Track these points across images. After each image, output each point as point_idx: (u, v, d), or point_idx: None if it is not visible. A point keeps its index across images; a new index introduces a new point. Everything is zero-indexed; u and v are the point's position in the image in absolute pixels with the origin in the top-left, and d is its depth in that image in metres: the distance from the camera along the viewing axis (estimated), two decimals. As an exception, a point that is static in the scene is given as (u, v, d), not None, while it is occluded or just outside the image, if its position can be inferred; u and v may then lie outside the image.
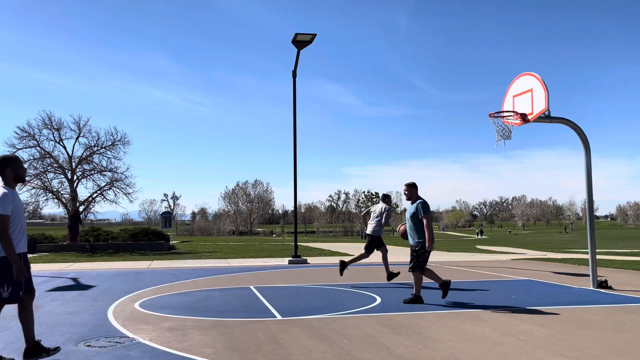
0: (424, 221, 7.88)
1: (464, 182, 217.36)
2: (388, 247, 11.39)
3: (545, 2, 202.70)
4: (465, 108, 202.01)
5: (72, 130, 28.18)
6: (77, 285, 10.61)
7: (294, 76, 17.77)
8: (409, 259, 8.12)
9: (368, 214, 10.62)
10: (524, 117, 10.19)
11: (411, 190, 8.18)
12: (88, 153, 28.30)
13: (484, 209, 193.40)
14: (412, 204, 8.15)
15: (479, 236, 78.76)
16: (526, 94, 10.21)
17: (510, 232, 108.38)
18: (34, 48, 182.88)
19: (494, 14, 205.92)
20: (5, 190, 4.62)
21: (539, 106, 9.84)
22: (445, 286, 8.02)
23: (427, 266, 8.10)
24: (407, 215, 8.17)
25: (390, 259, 11.24)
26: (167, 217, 30.43)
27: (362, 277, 12.02)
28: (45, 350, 4.85)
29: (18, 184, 4.88)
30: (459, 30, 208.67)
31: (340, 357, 4.92)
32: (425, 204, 8.00)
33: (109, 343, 5.45)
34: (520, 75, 10.55)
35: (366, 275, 12.32)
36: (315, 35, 16.61)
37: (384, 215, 10.28)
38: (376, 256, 10.99)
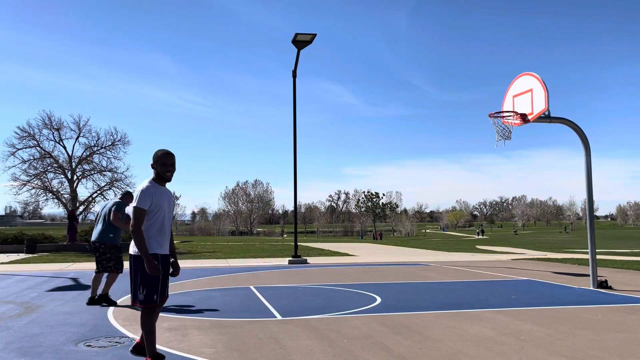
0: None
1: (464, 182, 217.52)
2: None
3: (545, 3, 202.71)
4: (465, 108, 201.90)
5: (72, 130, 28.28)
6: (77, 285, 10.61)
7: (294, 76, 17.78)
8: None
9: None
10: (524, 117, 10.19)
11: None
12: (88, 153, 28.36)
13: (484, 209, 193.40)
14: None
15: (480, 236, 79.35)
16: (526, 94, 10.22)
17: (515, 232, 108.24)
18: (34, 48, 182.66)
19: (494, 14, 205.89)
20: (149, 185, 4.46)
21: (539, 106, 9.85)
22: (102, 299, 8.05)
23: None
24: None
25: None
26: (167, 217, 30.37)
27: (362, 277, 12.02)
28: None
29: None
30: (459, 30, 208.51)
31: (340, 357, 4.92)
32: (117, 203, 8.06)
33: (109, 343, 5.45)
34: (520, 75, 10.55)
35: (366, 275, 12.32)
36: (315, 35, 16.62)
37: None
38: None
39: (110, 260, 8.01)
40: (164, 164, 4.49)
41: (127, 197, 8.25)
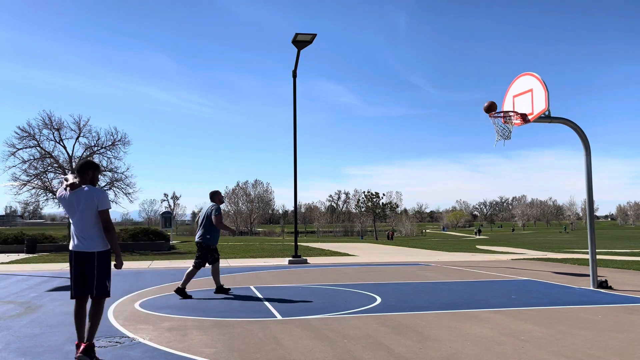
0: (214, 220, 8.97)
1: (464, 182, 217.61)
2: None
3: (545, 2, 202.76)
4: (465, 108, 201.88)
5: (72, 130, 28.22)
6: (77, 285, 10.60)
7: (294, 76, 17.78)
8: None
9: None
10: (524, 117, 10.19)
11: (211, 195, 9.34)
12: (88, 153, 28.30)
13: (484, 209, 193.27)
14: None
15: (478, 235, 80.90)
16: (526, 94, 10.21)
17: (513, 229, 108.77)
18: (34, 48, 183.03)
19: (494, 14, 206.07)
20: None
21: (539, 106, 9.85)
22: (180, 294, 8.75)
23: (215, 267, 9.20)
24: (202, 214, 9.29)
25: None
26: (167, 217, 30.46)
27: (362, 277, 12.02)
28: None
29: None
30: (459, 29, 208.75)
31: (340, 357, 4.92)
32: (217, 208, 9.07)
33: (109, 343, 5.45)
34: (520, 76, 10.55)
35: (366, 275, 12.32)
36: (315, 35, 16.62)
37: None
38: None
39: (198, 257, 9.07)
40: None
41: (216, 196, 9.25)
